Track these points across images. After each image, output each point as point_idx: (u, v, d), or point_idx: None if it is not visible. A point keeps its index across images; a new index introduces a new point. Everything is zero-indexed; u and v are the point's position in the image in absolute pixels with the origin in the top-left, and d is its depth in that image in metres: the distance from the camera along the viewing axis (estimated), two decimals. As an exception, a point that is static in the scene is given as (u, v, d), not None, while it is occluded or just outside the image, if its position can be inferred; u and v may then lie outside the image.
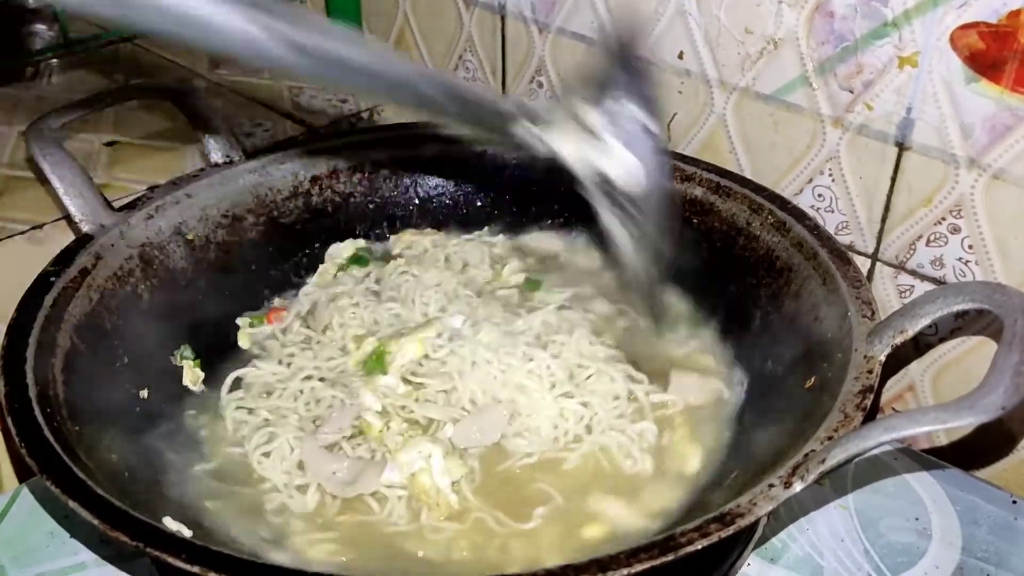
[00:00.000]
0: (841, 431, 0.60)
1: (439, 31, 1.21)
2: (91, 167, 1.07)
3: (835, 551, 0.78)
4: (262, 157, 0.92)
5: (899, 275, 0.91)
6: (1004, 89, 0.79)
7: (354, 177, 0.95)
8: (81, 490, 0.57)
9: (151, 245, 0.84)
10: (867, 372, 0.65)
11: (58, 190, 0.80)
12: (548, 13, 1.08)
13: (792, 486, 0.57)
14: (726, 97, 0.97)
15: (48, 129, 0.82)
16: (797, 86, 0.91)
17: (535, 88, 1.13)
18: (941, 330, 0.90)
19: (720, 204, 0.87)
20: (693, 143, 1.02)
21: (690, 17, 0.96)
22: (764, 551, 0.78)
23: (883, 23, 0.83)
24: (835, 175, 0.92)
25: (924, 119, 0.84)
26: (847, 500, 0.82)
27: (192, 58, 1.34)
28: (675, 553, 0.54)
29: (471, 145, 0.97)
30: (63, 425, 0.64)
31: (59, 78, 1.27)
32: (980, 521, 0.80)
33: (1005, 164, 0.81)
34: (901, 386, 0.95)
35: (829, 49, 0.87)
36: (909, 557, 0.77)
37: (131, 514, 0.56)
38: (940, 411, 0.54)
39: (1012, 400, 0.53)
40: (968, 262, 0.86)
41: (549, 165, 0.67)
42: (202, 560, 0.52)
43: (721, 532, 0.55)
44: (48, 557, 0.75)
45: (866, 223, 0.92)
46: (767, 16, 0.90)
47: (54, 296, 0.73)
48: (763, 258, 0.83)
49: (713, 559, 0.75)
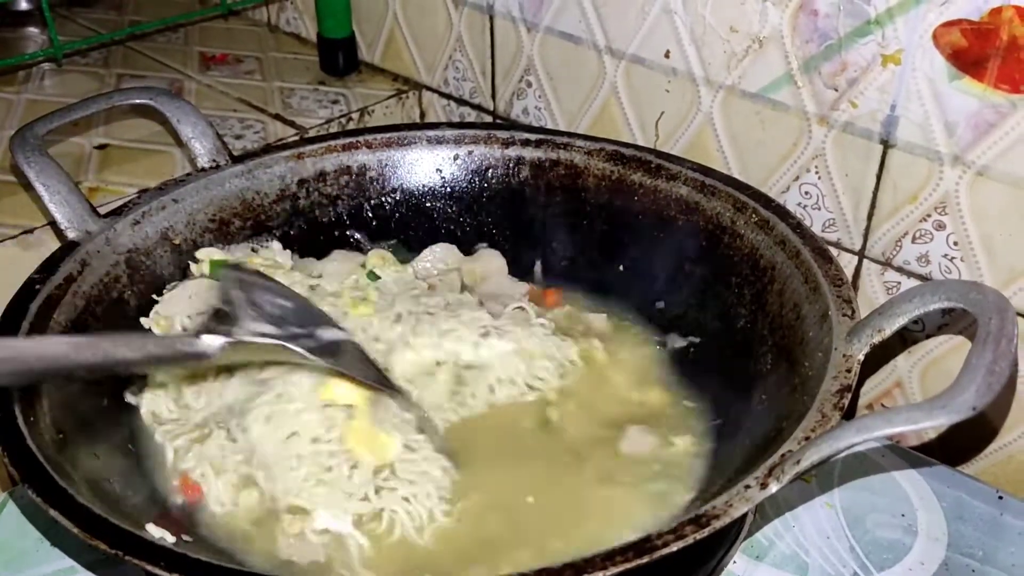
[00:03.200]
0: (819, 431, 0.61)
1: (429, 31, 1.21)
2: (81, 170, 1.07)
3: (821, 548, 0.78)
4: (248, 161, 0.92)
5: (886, 272, 0.91)
6: (987, 86, 0.78)
7: (341, 180, 0.95)
8: (61, 499, 0.57)
9: (137, 251, 0.84)
10: (846, 371, 0.65)
11: (43, 197, 0.80)
12: (536, 12, 1.08)
13: (768, 487, 0.58)
14: (712, 95, 0.97)
15: (33, 137, 0.82)
16: (782, 84, 0.91)
17: (524, 87, 1.14)
18: (928, 327, 0.90)
19: (705, 203, 0.87)
20: (681, 142, 1.02)
21: (676, 16, 0.96)
22: (750, 549, 0.78)
23: (866, 21, 0.83)
24: (821, 173, 0.92)
25: (908, 116, 0.84)
26: (833, 497, 0.82)
27: (183, 59, 1.35)
28: (650, 555, 0.54)
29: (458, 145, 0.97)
30: (46, 433, 0.65)
31: (51, 81, 1.27)
32: (966, 517, 0.80)
33: (989, 161, 0.81)
34: (889, 383, 0.95)
35: (813, 47, 0.87)
36: (895, 554, 0.77)
37: (110, 522, 0.56)
38: (913, 411, 0.54)
39: (984, 399, 0.53)
40: (953, 258, 0.86)
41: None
42: (180, 567, 0.53)
43: (697, 534, 0.55)
44: (38, 562, 0.76)
45: (852, 220, 0.92)
46: (752, 15, 0.90)
47: (39, 303, 0.73)
48: (747, 256, 0.83)
49: (698, 558, 0.75)
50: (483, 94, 1.19)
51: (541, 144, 0.95)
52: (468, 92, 1.21)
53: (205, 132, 0.91)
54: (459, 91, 1.22)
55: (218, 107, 1.22)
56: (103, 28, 1.42)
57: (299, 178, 0.94)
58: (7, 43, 1.37)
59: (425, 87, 1.26)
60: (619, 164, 0.93)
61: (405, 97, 1.27)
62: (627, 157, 0.92)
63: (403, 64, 1.27)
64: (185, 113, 0.91)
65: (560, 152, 0.95)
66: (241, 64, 1.34)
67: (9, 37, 1.39)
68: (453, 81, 1.22)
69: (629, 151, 0.93)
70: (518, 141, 0.96)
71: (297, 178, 0.94)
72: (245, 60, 1.35)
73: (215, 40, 1.41)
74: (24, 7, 1.42)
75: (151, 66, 1.33)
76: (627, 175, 0.92)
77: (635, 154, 0.92)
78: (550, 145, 0.95)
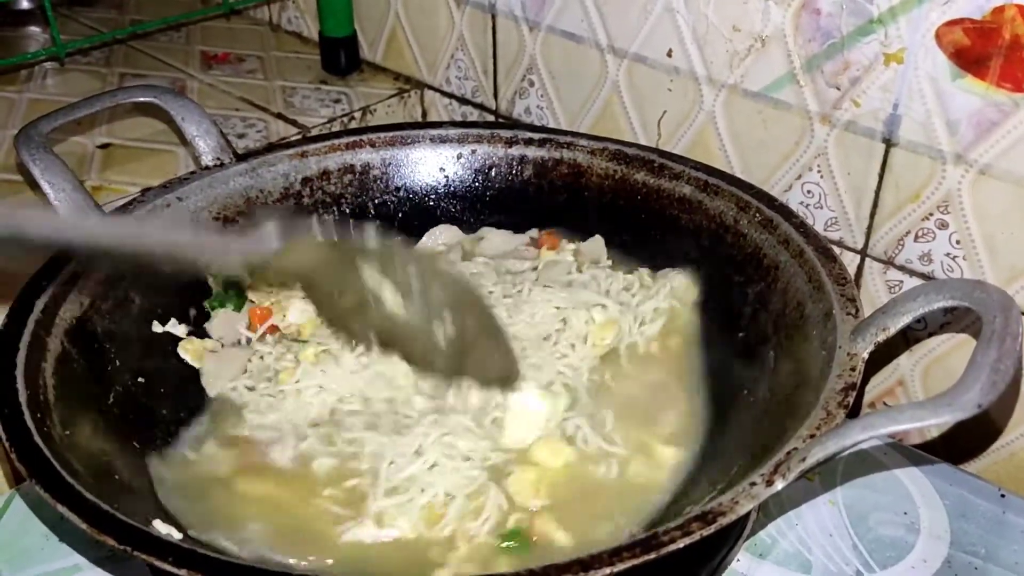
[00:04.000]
0: (823, 429, 0.61)
1: (431, 31, 1.22)
2: (85, 169, 1.07)
3: (824, 546, 0.78)
4: (252, 159, 0.92)
5: (888, 271, 0.92)
6: (989, 85, 0.79)
7: (344, 178, 0.96)
8: (69, 494, 0.57)
9: (142, 248, 0.84)
10: (850, 370, 0.65)
11: (48, 195, 0.80)
12: (538, 11, 1.08)
13: (774, 484, 0.58)
14: (715, 94, 0.97)
15: (38, 134, 0.82)
16: (785, 83, 0.91)
17: (526, 86, 1.14)
18: (931, 325, 0.90)
19: (708, 202, 0.88)
20: (683, 141, 1.02)
21: (678, 14, 0.96)
22: (753, 546, 0.78)
23: (869, 20, 0.83)
24: (824, 172, 0.92)
25: (911, 115, 0.84)
26: (836, 495, 0.83)
27: (185, 58, 1.35)
28: (657, 552, 0.54)
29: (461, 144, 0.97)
30: (53, 430, 0.65)
31: (53, 81, 1.27)
32: (968, 515, 0.81)
33: (991, 160, 0.81)
34: (892, 381, 0.96)
35: (816, 46, 0.88)
36: (897, 551, 0.78)
37: (118, 517, 0.56)
38: (918, 409, 0.55)
39: (989, 397, 0.53)
40: (956, 257, 0.86)
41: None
42: (189, 563, 0.53)
43: (703, 531, 0.56)
44: (43, 560, 0.76)
45: (855, 219, 0.92)
46: (754, 13, 0.90)
47: (45, 301, 0.73)
48: (751, 256, 0.83)
49: (702, 555, 0.75)
50: (485, 93, 1.20)
51: (544, 143, 0.96)
52: (470, 91, 1.21)
53: (209, 130, 0.91)
54: (461, 90, 1.22)
55: (220, 106, 1.22)
56: (105, 27, 1.42)
57: (303, 176, 0.94)
58: (9, 42, 1.37)
59: (427, 86, 1.27)
60: (622, 163, 0.93)
61: (407, 96, 1.27)
62: (630, 156, 0.93)
63: (405, 63, 1.28)
64: (189, 111, 0.91)
65: (563, 151, 0.95)
66: (243, 63, 1.34)
67: (11, 36, 1.39)
68: (455, 80, 1.22)
69: (632, 150, 0.93)
70: (521, 140, 0.96)
71: (301, 176, 0.94)
72: (247, 59, 1.36)
73: (217, 39, 1.42)
74: (25, 6, 1.42)
75: (153, 65, 1.33)
76: (630, 174, 0.93)
77: (638, 153, 0.92)
78: (553, 144, 0.96)
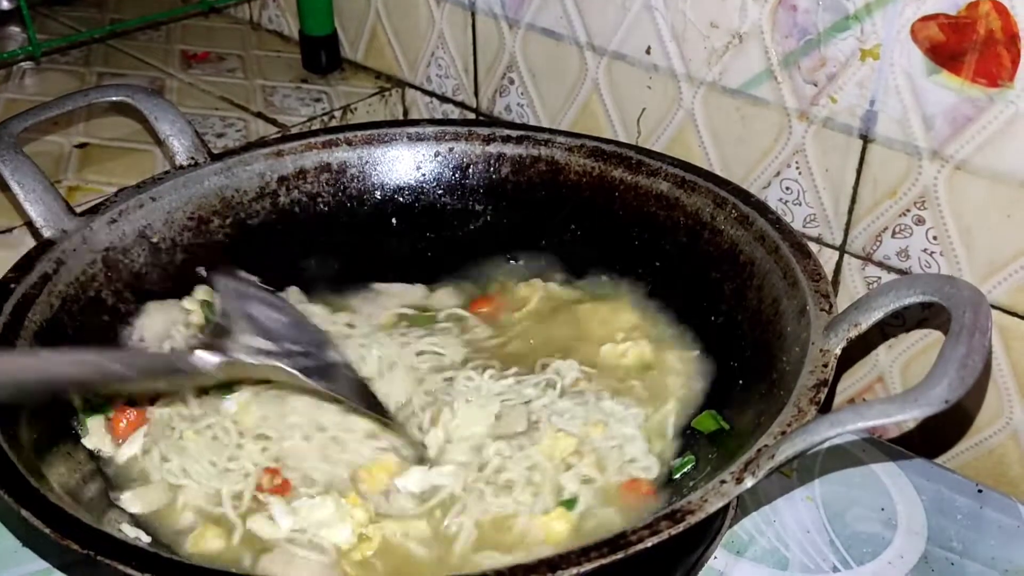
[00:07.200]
0: (794, 426, 0.61)
1: (411, 29, 1.21)
2: (61, 169, 1.07)
3: (801, 543, 0.78)
4: (228, 159, 0.91)
5: (866, 267, 0.91)
6: (964, 80, 0.79)
7: (321, 177, 0.95)
8: (33, 498, 0.57)
9: (114, 249, 0.83)
10: (822, 366, 0.65)
11: (18, 196, 0.80)
12: (518, 9, 1.08)
13: (743, 482, 0.58)
14: (694, 92, 0.97)
15: (8, 135, 0.81)
16: (763, 80, 0.91)
17: (507, 84, 1.13)
18: (908, 321, 0.90)
19: (685, 199, 0.87)
20: (663, 138, 1.02)
21: (657, 12, 0.96)
22: (731, 544, 0.78)
23: (845, 16, 0.83)
24: (802, 168, 0.92)
25: (887, 111, 0.84)
26: (813, 491, 0.82)
27: (165, 57, 1.34)
28: (625, 551, 0.54)
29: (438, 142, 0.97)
30: (20, 432, 0.64)
31: (31, 80, 1.27)
32: (946, 511, 0.81)
33: (967, 155, 0.81)
34: (871, 377, 0.95)
35: (793, 43, 0.87)
36: (874, 547, 0.77)
37: (82, 522, 0.56)
38: (887, 404, 0.55)
39: (957, 393, 0.53)
40: (933, 253, 0.86)
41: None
42: (152, 567, 0.52)
43: (671, 529, 0.55)
44: (17, 563, 0.75)
45: (833, 215, 0.92)
46: (732, 10, 0.90)
47: (14, 303, 0.73)
48: (727, 252, 0.83)
49: (679, 553, 0.75)
50: (466, 91, 1.19)
51: (522, 140, 0.95)
52: (451, 89, 1.21)
53: (183, 129, 0.90)
54: (442, 88, 1.22)
55: (200, 105, 1.22)
56: (84, 26, 1.41)
57: (279, 175, 0.94)
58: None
59: (408, 84, 1.26)
60: (600, 160, 0.92)
61: (388, 95, 1.26)
62: (608, 153, 0.92)
63: (386, 62, 1.27)
64: (163, 110, 0.90)
65: (541, 148, 0.95)
66: (223, 62, 1.34)
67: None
68: (436, 78, 1.22)
69: (610, 147, 0.93)
70: (499, 138, 0.96)
71: (277, 175, 0.93)
72: (227, 58, 1.35)
73: (197, 38, 1.41)
74: (6, 7, 1.42)
75: (132, 64, 1.33)
76: (608, 171, 0.92)
77: (616, 150, 0.92)
78: (531, 141, 0.95)
